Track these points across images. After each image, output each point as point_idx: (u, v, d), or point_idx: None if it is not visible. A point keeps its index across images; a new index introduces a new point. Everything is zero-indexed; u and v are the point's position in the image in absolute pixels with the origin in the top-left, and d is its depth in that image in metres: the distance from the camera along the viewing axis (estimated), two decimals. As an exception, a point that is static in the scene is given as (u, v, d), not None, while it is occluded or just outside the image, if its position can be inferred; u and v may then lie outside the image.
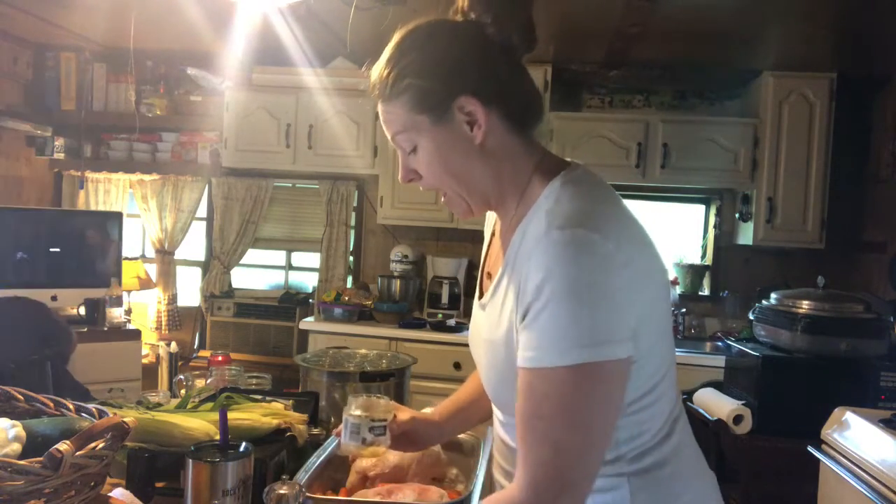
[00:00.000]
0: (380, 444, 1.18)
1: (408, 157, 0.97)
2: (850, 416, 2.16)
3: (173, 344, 4.07)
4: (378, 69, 0.97)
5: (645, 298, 0.87)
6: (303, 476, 1.21)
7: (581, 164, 0.97)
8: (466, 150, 0.93)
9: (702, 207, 4.11)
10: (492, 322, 0.96)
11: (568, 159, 0.99)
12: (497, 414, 1.07)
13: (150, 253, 4.36)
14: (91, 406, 1.17)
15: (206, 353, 4.01)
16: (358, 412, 1.17)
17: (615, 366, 0.83)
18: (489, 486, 1.39)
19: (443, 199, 1.01)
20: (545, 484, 0.84)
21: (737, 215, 3.79)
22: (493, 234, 1.12)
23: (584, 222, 0.84)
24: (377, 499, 1.21)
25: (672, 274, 3.96)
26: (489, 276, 1.04)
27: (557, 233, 0.84)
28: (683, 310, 3.82)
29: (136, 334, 3.62)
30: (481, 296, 1.05)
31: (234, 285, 4.28)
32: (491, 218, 1.15)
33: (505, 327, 0.92)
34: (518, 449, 0.88)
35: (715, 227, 4.00)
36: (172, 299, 4.25)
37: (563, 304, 0.81)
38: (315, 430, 1.53)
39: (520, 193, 0.95)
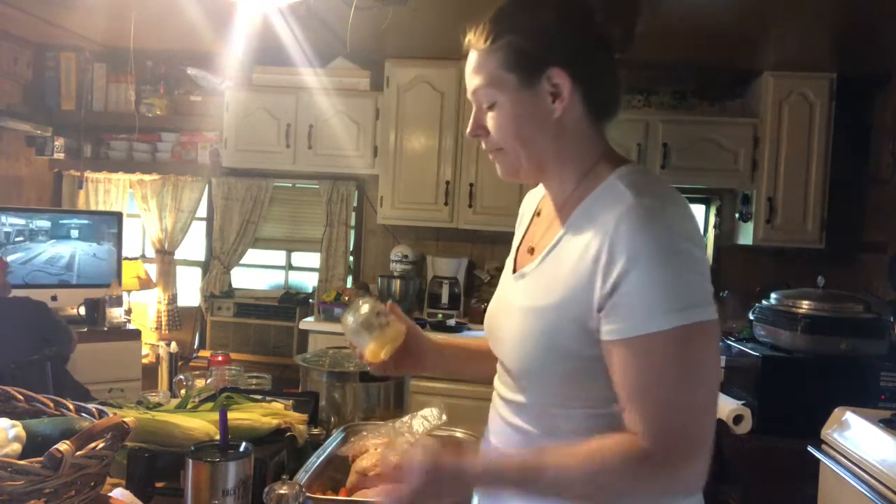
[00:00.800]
0: (393, 324, 1.12)
1: (482, 113, 1.00)
2: (850, 416, 2.16)
3: (173, 344, 4.07)
4: (483, 20, 0.98)
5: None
6: (303, 476, 1.21)
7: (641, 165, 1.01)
8: (542, 120, 0.96)
9: (702, 207, 4.11)
10: (536, 290, 0.97)
11: (631, 158, 1.02)
12: (509, 396, 1.03)
13: (150, 253, 4.36)
14: (91, 406, 1.17)
15: (206, 353, 4.01)
16: (364, 308, 1.11)
17: (715, 325, 0.87)
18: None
19: (491, 157, 1.03)
20: (672, 443, 0.85)
21: (737, 215, 3.79)
22: (535, 215, 1.13)
23: (669, 198, 0.90)
24: (377, 499, 1.21)
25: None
26: (531, 251, 1.05)
27: (649, 200, 0.88)
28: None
29: (136, 334, 3.62)
30: (515, 270, 1.07)
31: (234, 285, 4.28)
32: (532, 198, 1.17)
33: (560, 294, 0.93)
34: (635, 420, 0.87)
35: (715, 227, 4.00)
36: (172, 299, 4.25)
37: (668, 268, 0.85)
38: (315, 430, 1.53)
39: (581, 173, 0.98)
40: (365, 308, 1.11)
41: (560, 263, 0.95)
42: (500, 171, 1.03)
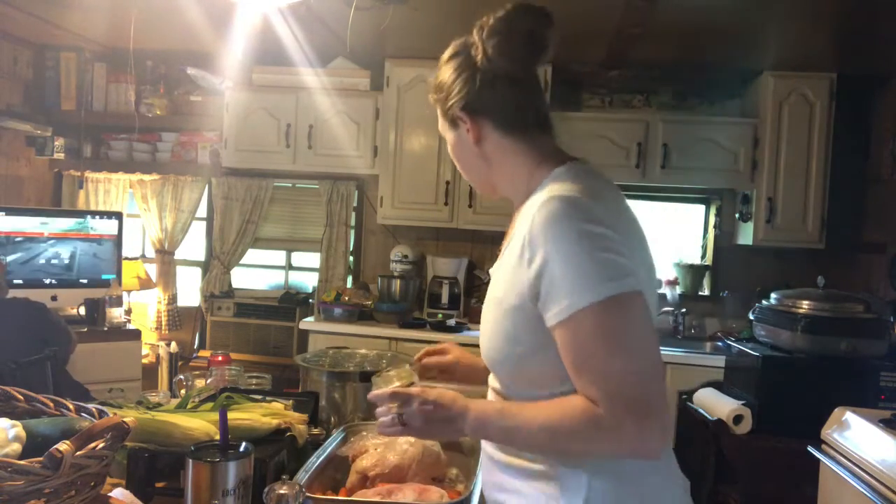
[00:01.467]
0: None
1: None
2: (850, 416, 2.16)
3: (173, 344, 4.07)
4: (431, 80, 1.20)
5: (638, 257, 0.99)
6: (303, 476, 1.21)
7: (587, 162, 1.11)
8: (469, 150, 1.15)
9: (702, 207, 4.11)
10: (497, 283, 1.09)
11: (576, 157, 1.12)
12: (491, 382, 1.15)
13: (150, 253, 4.36)
14: (91, 406, 1.17)
15: (206, 353, 4.01)
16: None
17: (638, 297, 0.94)
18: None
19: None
20: (623, 411, 0.91)
21: (737, 215, 3.79)
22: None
23: (579, 192, 0.98)
24: (377, 499, 1.21)
25: (672, 274, 3.96)
26: (500, 251, 1.18)
27: (557, 197, 0.97)
28: (683, 310, 3.82)
29: (136, 334, 3.62)
30: None
31: (234, 285, 4.28)
32: None
33: (510, 287, 1.03)
34: (587, 392, 0.95)
35: (715, 227, 3.99)
36: (172, 299, 4.25)
37: (573, 252, 0.93)
38: (315, 430, 1.53)
39: (525, 183, 1.11)
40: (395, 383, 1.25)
41: (505, 260, 1.07)
42: (478, 190, 1.25)
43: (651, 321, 0.98)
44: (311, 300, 4.09)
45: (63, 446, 0.93)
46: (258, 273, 4.43)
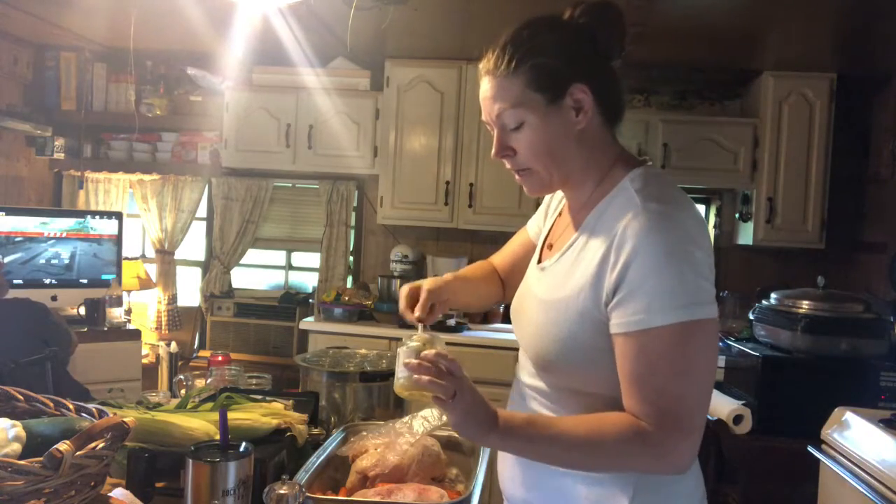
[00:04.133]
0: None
1: (507, 134, 1.05)
2: (850, 416, 2.16)
3: (173, 344, 4.06)
4: (498, 48, 1.04)
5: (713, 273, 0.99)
6: (303, 476, 1.21)
7: (652, 163, 1.10)
8: (567, 133, 1.03)
9: (702, 207, 4.11)
10: (553, 284, 1.07)
11: (644, 158, 1.10)
12: (530, 381, 1.12)
13: (150, 253, 4.36)
14: (91, 406, 1.17)
15: (206, 353, 4.01)
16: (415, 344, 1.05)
17: (713, 325, 0.94)
18: (489, 486, 1.40)
19: (518, 175, 1.10)
20: (668, 425, 0.93)
21: (737, 215, 3.79)
22: (558, 214, 1.21)
23: (674, 203, 0.97)
24: (377, 499, 1.21)
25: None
26: (550, 246, 1.16)
27: (655, 205, 0.96)
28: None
29: (136, 334, 3.62)
30: (540, 261, 1.17)
31: (234, 285, 4.28)
32: (557, 196, 1.26)
33: (573, 290, 1.01)
34: (633, 404, 0.95)
35: (715, 227, 3.99)
36: (172, 299, 4.25)
37: (668, 268, 0.92)
38: (315, 430, 1.53)
39: (599, 178, 1.07)
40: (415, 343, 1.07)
41: (573, 262, 1.04)
42: (528, 189, 1.10)
43: (717, 346, 0.98)
44: (311, 300, 4.09)
45: (63, 446, 0.93)
46: (258, 273, 4.42)
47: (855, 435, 2.10)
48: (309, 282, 4.35)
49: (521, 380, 1.17)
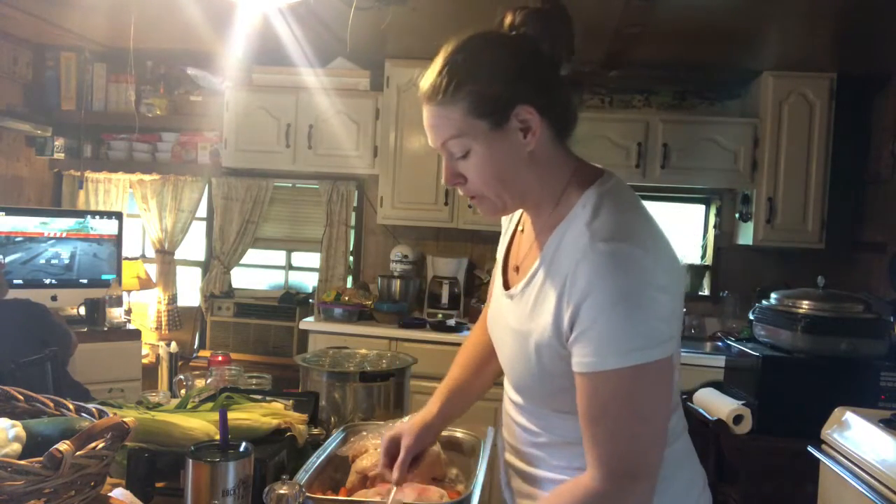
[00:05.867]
0: None
1: (455, 162, 1.01)
2: (850, 416, 2.16)
3: (173, 344, 4.06)
4: (432, 75, 0.98)
5: (677, 303, 0.97)
6: (303, 476, 1.21)
7: (613, 175, 1.05)
8: (516, 156, 0.98)
9: (702, 207, 4.11)
10: (521, 314, 1.04)
11: (600, 166, 1.06)
12: (512, 396, 1.14)
13: (150, 253, 4.36)
14: (91, 406, 1.17)
15: (206, 353, 4.01)
16: None
17: (665, 363, 0.93)
18: (489, 485, 1.39)
19: (472, 200, 1.05)
20: (622, 474, 0.92)
21: (737, 215, 3.79)
22: (518, 230, 1.17)
23: (625, 237, 0.93)
24: (377, 499, 1.21)
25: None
26: (517, 269, 1.11)
27: (603, 245, 0.92)
28: (684, 310, 3.80)
29: (136, 334, 3.62)
30: (507, 287, 1.12)
31: (234, 285, 4.28)
32: (513, 216, 1.21)
33: (538, 324, 1.00)
34: (587, 446, 0.95)
35: (715, 227, 3.99)
36: (172, 299, 4.25)
37: (615, 312, 0.89)
38: (315, 430, 1.53)
39: (556, 198, 1.02)
40: None
41: (536, 295, 1.01)
42: (483, 214, 1.06)
43: (671, 383, 0.97)
44: (311, 300, 4.09)
45: (63, 446, 0.93)
46: (258, 273, 4.42)
47: (855, 435, 2.10)
48: (309, 282, 4.35)
49: (506, 391, 1.18)
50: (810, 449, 2.23)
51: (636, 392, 0.91)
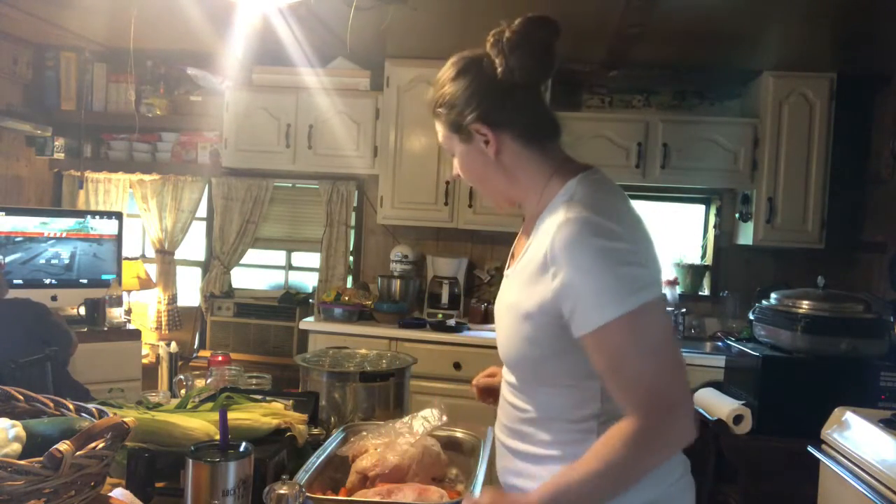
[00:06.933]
0: None
1: (453, 160, 1.23)
2: (850, 416, 2.16)
3: (173, 344, 4.06)
4: (430, 95, 1.21)
5: (651, 256, 1.06)
6: (303, 476, 1.21)
7: (600, 171, 1.15)
8: (485, 162, 1.17)
9: (702, 207, 4.11)
10: (514, 289, 1.15)
11: (588, 164, 1.17)
12: (507, 377, 1.22)
13: (150, 253, 4.36)
14: (91, 406, 1.17)
15: (206, 353, 4.01)
16: None
17: (657, 302, 1.02)
18: (489, 485, 1.39)
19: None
20: (657, 407, 0.99)
21: (737, 215, 3.79)
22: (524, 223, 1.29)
23: (596, 211, 1.03)
24: (377, 499, 1.21)
25: (672, 274, 3.96)
26: (513, 255, 1.24)
27: (574, 215, 1.03)
28: (683, 310, 3.82)
29: (136, 334, 3.62)
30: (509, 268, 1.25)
31: (234, 285, 4.28)
32: None
33: (527, 294, 1.09)
34: (618, 398, 1.03)
35: (715, 227, 3.99)
36: (172, 299, 4.25)
37: (595, 269, 0.99)
38: (315, 430, 1.53)
39: (539, 193, 1.15)
40: None
41: (525, 269, 1.12)
42: (488, 202, 1.27)
43: (669, 318, 1.07)
44: (311, 300, 4.09)
45: (63, 446, 0.93)
46: (258, 273, 4.42)
47: (855, 435, 2.10)
48: (309, 282, 4.35)
49: (504, 376, 1.25)
50: (810, 449, 2.23)
51: (640, 332, 0.99)
